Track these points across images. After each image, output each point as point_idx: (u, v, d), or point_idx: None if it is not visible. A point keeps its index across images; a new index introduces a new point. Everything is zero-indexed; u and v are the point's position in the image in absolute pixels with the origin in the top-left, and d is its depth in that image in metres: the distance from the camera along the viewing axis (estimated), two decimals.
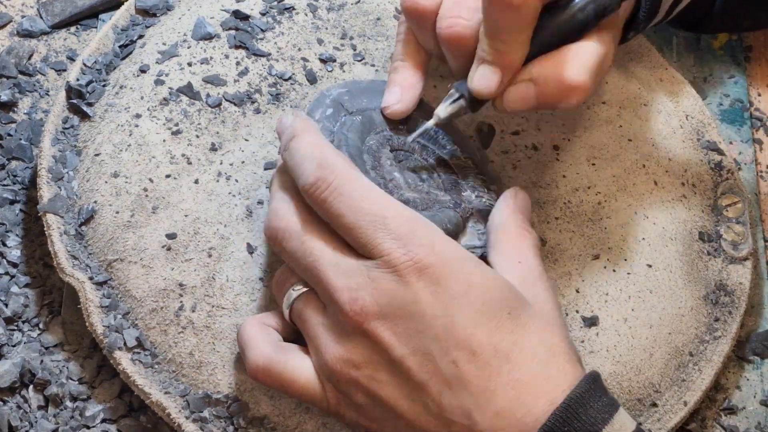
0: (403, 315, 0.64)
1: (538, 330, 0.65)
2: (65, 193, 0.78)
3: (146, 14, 0.88)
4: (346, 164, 0.67)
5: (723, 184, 0.86)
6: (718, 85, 0.95)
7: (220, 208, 0.77)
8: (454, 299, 0.64)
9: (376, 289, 0.64)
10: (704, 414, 0.80)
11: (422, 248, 0.64)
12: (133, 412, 0.76)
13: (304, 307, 0.68)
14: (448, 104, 0.72)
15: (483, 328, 0.64)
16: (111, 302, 0.75)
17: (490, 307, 0.64)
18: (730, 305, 0.81)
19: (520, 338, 0.64)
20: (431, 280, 0.64)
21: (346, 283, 0.65)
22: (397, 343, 0.64)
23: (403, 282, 0.64)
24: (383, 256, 0.64)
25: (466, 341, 0.63)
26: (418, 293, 0.64)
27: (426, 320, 0.63)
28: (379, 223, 0.65)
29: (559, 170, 0.82)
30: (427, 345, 0.63)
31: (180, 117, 0.80)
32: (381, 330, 0.64)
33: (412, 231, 0.65)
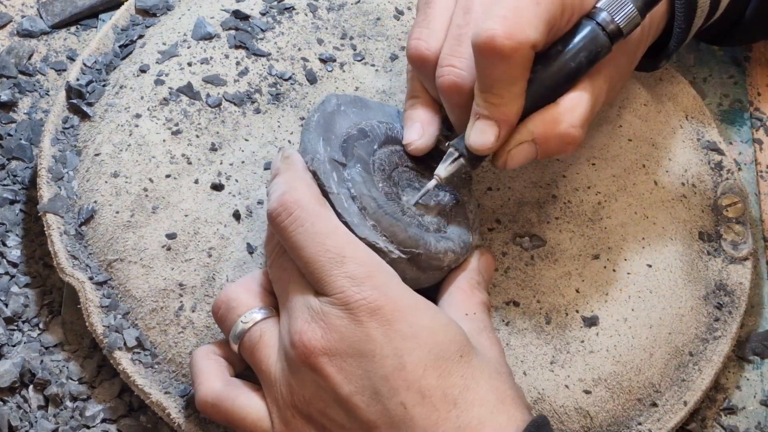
0: (352, 353, 0.63)
1: (487, 377, 0.65)
2: (65, 193, 0.78)
3: (146, 14, 0.88)
4: (314, 199, 0.67)
5: (723, 184, 0.86)
6: (718, 85, 0.95)
7: (220, 208, 0.77)
8: (405, 341, 0.63)
9: (328, 325, 0.64)
10: (704, 414, 0.80)
11: (376, 291, 0.64)
12: (133, 412, 0.76)
13: (258, 339, 0.67)
14: (448, 164, 0.72)
15: (432, 371, 0.63)
16: (111, 302, 0.75)
17: (441, 350, 0.64)
18: (730, 305, 0.81)
19: (470, 383, 0.64)
20: (383, 320, 0.63)
21: (302, 314, 0.65)
22: (344, 381, 0.63)
23: (354, 320, 0.63)
24: (337, 293, 0.64)
25: (415, 383, 0.63)
26: (369, 332, 0.63)
27: (376, 360, 0.63)
28: (338, 261, 0.64)
29: (559, 170, 0.82)
30: (376, 385, 0.63)
31: (180, 117, 0.80)
32: (328, 366, 0.63)
33: (368, 273, 0.64)
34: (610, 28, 0.71)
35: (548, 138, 0.70)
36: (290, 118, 0.81)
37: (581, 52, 0.70)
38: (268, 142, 0.80)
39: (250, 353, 0.68)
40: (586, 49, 0.70)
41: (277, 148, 0.71)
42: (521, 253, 0.78)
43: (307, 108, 0.82)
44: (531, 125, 0.70)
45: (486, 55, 0.67)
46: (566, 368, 0.75)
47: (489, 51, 0.66)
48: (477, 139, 0.70)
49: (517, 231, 0.79)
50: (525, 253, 0.78)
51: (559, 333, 0.76)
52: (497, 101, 0.69)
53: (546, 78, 0.70)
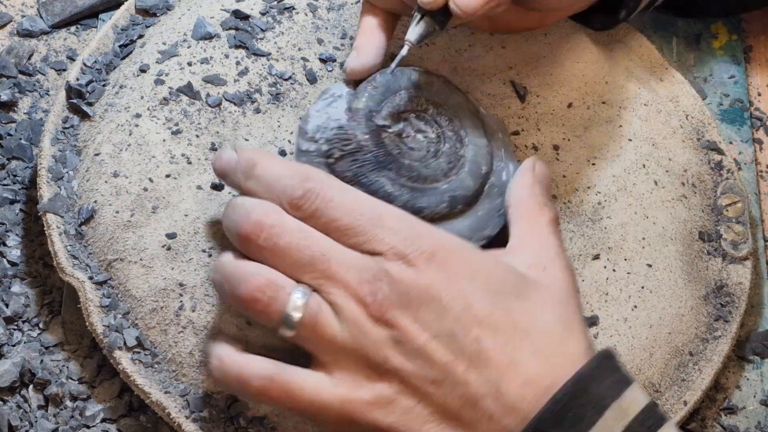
0: (422, 301, 0.64)
1: (552, 309, 0.66)
2: (65, 193, 0.78)
3: (146, 14, 0.88)
4: (328, 176, 0.68)
5: (723, 183, 0.86)
6: (718, 84, 0.95)
7: (221, 207, 0.77)
8: (465, 281, 0.65)
9: (393, 280, 0.64)
10: (704, 414, 0.80)
11: (423, 239, 0.65)
12: (133, 412, 0.76)
13: (315, 321, 0.65)
14: (414, 26, 0.73)
15: (500, 306, 0.65)
16: (111, 302, 0.75)
17: (498, 288, 0.65)
18: (730, 305, 0.81)
19: (537, 316, 0.65)
20: (441, 264, 0.65)
21: (361, 277, 0.64)
22: (420, 330, 0.64)
23: (416, 270, 0.64)
24: (391, 249, 0.65)
25: (486, 319, 0.64)
26: (432, 278, 0.64)
27: (444, 303, 0.64)
28: (377, 220, 0.65)
29: (559, 170, 0.82)
30: (448, 326, 0.64)
31: (180, 117, 0.80)
32: (403, 319, 0.64)
33: (409, 225, 0.66)
34: None
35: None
36: (290, 118, 0.81)
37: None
38: (268, 142, 0.80)
39: (313, 330, 0.65)
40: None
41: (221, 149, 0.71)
42: None
43: (307, 108, 0.82)
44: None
45: None
46: None
47: None
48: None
49: None
50: None
51: None
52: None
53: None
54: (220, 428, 0.72)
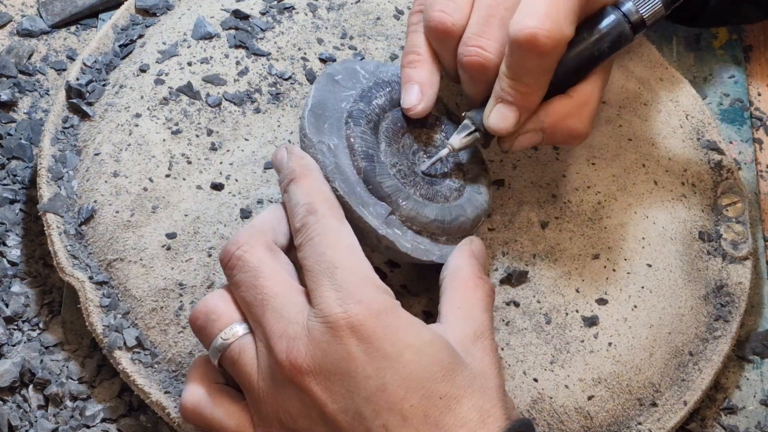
0: (335, 372, 0.62)
1: (471, 395, 0.63)
2: (65, 193, 0.78)
3: (146, 14, 0.88)
4: (331, 212, 0.67)
5: (723, 183, 0.86)
6: (718, 84, 0.95)
7: (220, 207, 0.77)
8: (386, 360, 0.62)
9: (312, 341, 0.63)
10: (704, 413, 0.80)
11: (360, 305, 0.63)
12: (133, 412, 0.76)
13: (238, 356, 0.66)
14: (463, 136, 0.73)
15: (414, 393, 0.62)
16: (111, 302, 0.75)
17: (423, 370, 0.62)
18: (730, 305, 0.81)
19: (452, 403, 0.62)
20: (364, 338, 0.62)
21: (286, 331, 0.63)
22: (329, 400, 0.62)
23: (335, 336, 0.62)
24: (322, 305, 0.63)
25: (397, 405, 0.62)
26: (350, 350, 0.62)
27: (358, 380, 0.62)
28: (329, 271, 0.64)
29: (559, 170, 0.82)
30: (358, 406, 0.62)
31: (180, 116, 0.80)
32: (313, 385, 0.63)
33: (357, 286, 0.63)
34: (634, 19, 0.71)
35: (556, 130, 0.72)
36: (290, 118, 0.81)
37: (604, 41, 0.71)
38: (268, 142, 0.80)
39: (232, 368, 0.66)
40: (609, 38, 0.71)
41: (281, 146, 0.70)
42: (521, 253, 0.78)
43: None
44: (543, 115, 0.72)
45: (524, 50, 0.68)
46: (566, 368, 0.75)
47: (529, 48, 0.68)
48: (497, 122, 0.71)
49: (501, 273, 0.78)
50: (525, 253, 0.78)
51: (559, 333, 0.76)
52: (524, 90, 0.70)
53: (567, 65, 0.71)
54: None
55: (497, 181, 0.81)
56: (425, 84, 0.74)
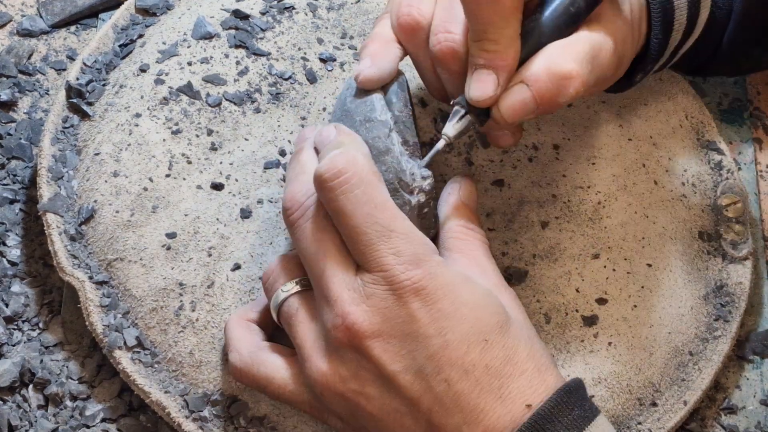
0: (396, 334, 0.63)
1: (524, 344, 0.65)
2: (65, 193, 0.78)
3: (146, 13, 0.88)
4: (369, 165, 0.66)
5: (723, 183, 0.86)
6: (718, 84, 0.95)
7: (220, 207, 0.77)
8: (447, 319, 0.64)
9: (371, 306, 0.64)
10: (704, 413, 0.80)
11: (420, 269, 0.64)
12: (133, 412, 0.76)
13: (295, 312, 0.67)
14: (455, 122, 0.70)
15: (475, 347, 0.64)
16: (111, 301, 0.75)
17: (482, 324, 0.64)
18: (730, 305, 0.81)
19: (510, 353, 0.64)
20: (427, 300, 0.64)
21: (343, 294, 0.64)
22: (389, 361, 0.63)
23: (399, 301, 0.63)
24: (382, 270, 0.64)
25: (459, 360, 0.63)
26: (414, 313, 0.63)
27: (420, 340, 0.63)
28: (385, 234, 0.64)
29: (559, 169, 0.82)
30: (420, 363, 0.63)
31: (180, 116, 0.80)
32: (373, 347, 0.64)
33: (413, 250, 0.64)
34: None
35: (539, 76, 0.67)
36: (290, 118, 0.81)
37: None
38: (268, 142, 0.80)
39: (288, 324, 0.68)
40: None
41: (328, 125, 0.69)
42: (521, 253, 0.78)
43: (307, 108, 0.82)
44: (523, 69, 0.68)
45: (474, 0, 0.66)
46: (566, 368, 0.75)
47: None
48: (477, 90, 0.68)
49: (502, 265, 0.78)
50: (525, 253, 0.78)
51: (559, 333, 0.76)
52: (492, 47, 0.67)
53: (543, 24, 0.69)
54: (219, 428, 0.72)
55: (497, 181, 0.81)
56: (377, 54, 0.72)
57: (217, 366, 0.73)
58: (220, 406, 0.72)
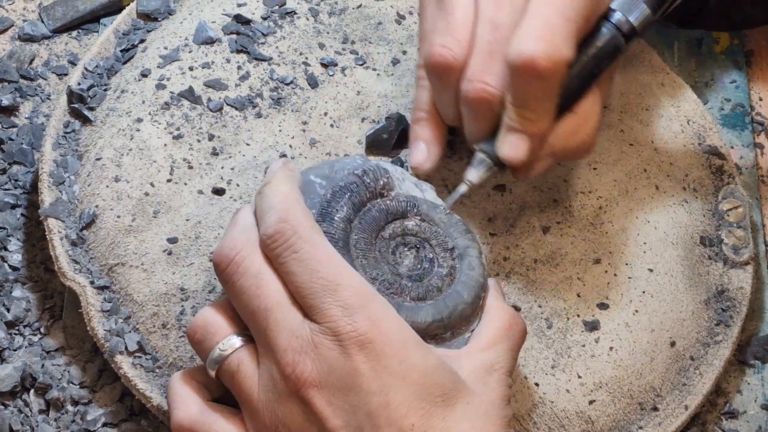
0: (340, 387, 0.62)
1: (474, 419, 0.64)
2: (66, 198, 0.78)
3: (148, 18, 0.88)
4: (310, 225, 0.65)
5: (724, 188, 0.86)
6: (720, 89, 0.95)
7: (222, 212, 0.77)
8: (392, 377, 0.62)
9: (318, 356, 0.62)
10: (705, 418, 0.80)
11: (368, 322, 0.63)
12: (134, 417, 0.76)
13: (236, 368, 0.65)
14: (480, 170, 0.73)
15: (415, 411, 0.62)
16: (112, 306, 0.75)
17: (426, 392, 0.63)
18: (731, 309, 0.81)
19: (452, 426, 0.63)
20: (372, 355, 0.62)
21: (290, 344, 0.63)
22: (331, 415, 0.62)
23: (344, 352, 0.62)
24: (328, 322, 0.63)
25: (397, 422, 0.62)
26: (357, 366, 0.62)
27: (362, 396, 0.62)
28: (331, 288, 0.63)
29: (561, 174, 0.82)
30: (360, 421, 0.62)
31: (181, 121, 0.80)
32: (317, 399, 0.62)
33: (361, 303, 0.63)
34: (625, 28, 0.72)
35: (567, 150, 0.73)
36: (291, 123, 0.81)
37: (602, 57, 0.72)
38: (270, 147, 0.80)
39: (230, 380, 0.66)
40: (606, 52, 0.72)
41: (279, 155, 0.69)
42: (523, 258, 0.78)
43: (308, 112, 0.82)
44: (553, 138, 0.72)
45: (524, 75, 0.68)
46: (567, 372, 0.75)
47: (528, 72, 0.68)
48: (509, 152, 0.71)
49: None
50: (527, 258, 0.78)
51: (561, 337, 0.76)
52: (532, 116, 0.70)
53: (570, 85, 0.71)
54: None
55: (499, 186, 0.81)
56: (431, 142, 0.75)
57: None
58: None
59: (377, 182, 0.70)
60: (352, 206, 0.69)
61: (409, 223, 0.71)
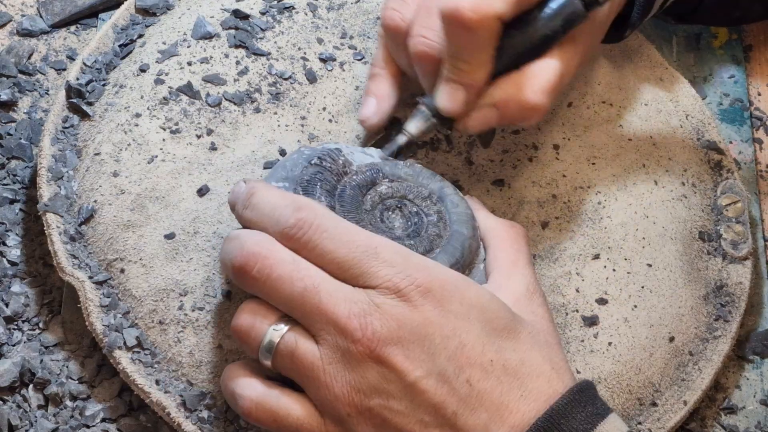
0: (413, 338, 0.63)
1: (538, 348, 0.66)
2: (65, 193, 0.78)
3: (146, 13, 0.88)
4: (323, 206, 0.67)
5: (723, 183, 0.86)
6: (718, 84, 0.95)
7: (220, 207, 0.77)
8: (459, 319, 0.64)
9: (384, 315, 0.63)
10: (704, 413, 0.80)
11: (420, 272, 0.64)
12: (133, 412, 0.76)
13: (294, 348, 0.65)
14: (417, 120, 0.74)
15: (490, 346, 0.64)
16: (111, 301, 0.75)
17: (492, 326, 0.65)
18: (730, 305, 0.81)
19: (525, 356, 0.65)
20: (436, 301, 0.64)
21: (352, 311, 0.63)
22: (411, 367, 0.63)
23: (409, 305, 0.63)
24: (384, 282, 0.64)
25: (477, 360, 0.64)
26: (426, 315, 0.64)
27: (437, 342, 0.63)
28: (372, 253, 0.64)
29: (560, 169, 0.82)
30: (441, 366, 0.63)
31: (180, 116, 0.80)
32: (394, 355, 0.63)
33: (405, 258, 0.65)
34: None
35: (509, 103, 0.72)
36: (290, 118, 0.81)
37: (556, 19, 0.71)
38: (268, 141, 0.80)
39: (290, 361, 0.65)
40: (561, 16, 0.71)
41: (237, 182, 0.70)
42: None
43: (306, 107, 0.82)
44: (493, 90, 0.73)
45: (452, 25, 0.70)
46: None
47: (455, 22, 0.69)
48: (445, 102, 0.72)
49: None
50: None
51: (560, 332, 0.76)
52: (465, 67, 0.71)
53: (518, 44, 0.71)
54: (219, 428, 0.72)
55: (497, 181, 0.81)
56: (382, 97, 0.77)
57: (217, 366, 0.73)
58: (220, 406, 0.72)
59: (337, 163, 0.72)
60: (326, 194, 0.70)
61: (381, 188, 0.72)
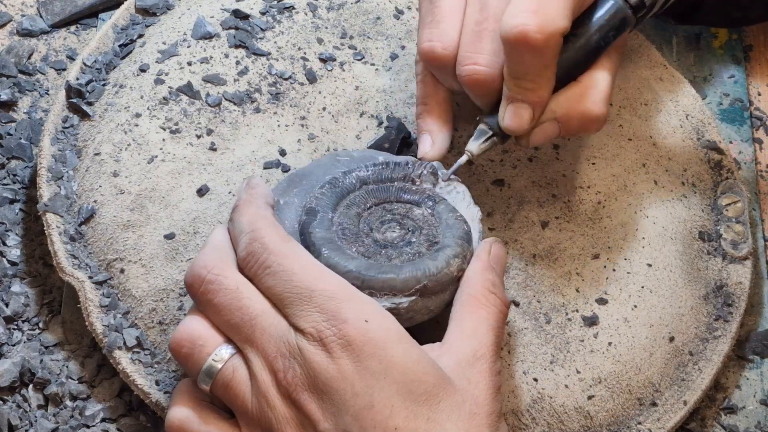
0: (326, 390, 0.63)
1: (458, 419, 0.63)
2: (65, 193, 0.78)
3: (146, 13, 0.88)
4: (280, 238, 0.66)
5: (723, 183, 0.86)
6: (718, 84, 0.95)
7: (220, 207, 0.77)
8: (373, 378, 0.63)
9: (305, 361, 0.63)
10: (704, 413, 0.80)
11: (346, 324, 0.63)
12: (133, 412, 0.76)
13: (231, 377, 0.66)
14: (481, 141, 0.74)
15: (400, 412, 0.62)
16: (111, 302, 0.75)
17: (408, 390, 0.63)
18: (730, 305, 0.81)
19: (435, 427, 0.63)
20: (354, 356, 0.63)
21: (280, 350, 0.64)
22: (321, 417, 0.63)
23: (328, 356, 0.63)
24: (309, 328, 0.63)
25: (382, 423, 0.62)
26: (342, 368, 0.63)
27: (347, 397, 0.62)
28: (306, 295, 0.64)
29: (559, 169, 0.82)
30: (346, 423, 0.62)
31: (180, 116, 0.80)
32: (309, 402, 0.63)
33: (337, 306, 0.64)
34: (633, 1, 0.71)
35: (570, 117, 0.73)
36: (290, 118, 0.81)
37: (608, 28, 0.72)
38: (268, 142, 0.80)
39: (224, 390, 0.66)
40: (612, 24, 0.72)
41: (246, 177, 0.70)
42: (522, 253, 0.78)
43: (306, 107, 0.82)
44: (554, 105, 0.73)
45: (518, 49, 0.69)
46: (566, 368, 0.75)
47: (522, 45, 0.68)
48: (511, 122, 0.72)
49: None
50: (525, 253, 0.78)
51: (559, 332, 0.76)
52: (530, 86, 0.71)
53: (573, 56, 0.72)
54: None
55: (497, 180, 0.81)
56: (434, 132, 0.76)
57: None
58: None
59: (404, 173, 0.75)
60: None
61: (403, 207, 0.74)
